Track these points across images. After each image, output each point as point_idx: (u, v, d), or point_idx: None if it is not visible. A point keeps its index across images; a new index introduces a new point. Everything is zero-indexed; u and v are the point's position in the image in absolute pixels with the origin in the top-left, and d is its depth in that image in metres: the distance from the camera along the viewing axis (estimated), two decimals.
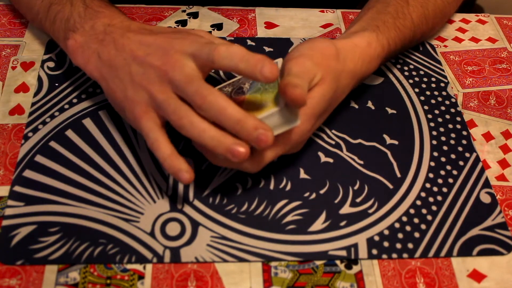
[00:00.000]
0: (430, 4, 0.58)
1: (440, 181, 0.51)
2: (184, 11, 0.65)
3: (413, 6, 0.56)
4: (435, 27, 0.63)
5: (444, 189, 0.50)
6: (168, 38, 0.44)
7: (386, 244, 0.46)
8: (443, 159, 0.53)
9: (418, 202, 0.49)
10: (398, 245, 0.46)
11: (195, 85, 0.41)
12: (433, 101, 0.58)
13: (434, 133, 0.55)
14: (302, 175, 0.50)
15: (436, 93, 0.59)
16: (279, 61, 0.47)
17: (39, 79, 0.55)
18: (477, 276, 0.45)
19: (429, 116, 0.56)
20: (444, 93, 0.59)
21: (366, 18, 0.54)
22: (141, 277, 0.43)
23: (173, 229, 0.45)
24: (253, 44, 0.61)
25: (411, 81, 0.60)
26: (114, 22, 0.48)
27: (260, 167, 0.44)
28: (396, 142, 0.54)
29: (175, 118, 0.41)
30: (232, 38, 0.61)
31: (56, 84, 0.55)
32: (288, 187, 0.49)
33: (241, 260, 0.44)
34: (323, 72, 0.45)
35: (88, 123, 0.52)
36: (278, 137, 0.43)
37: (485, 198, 0.50)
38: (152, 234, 0.45)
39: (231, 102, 0.40)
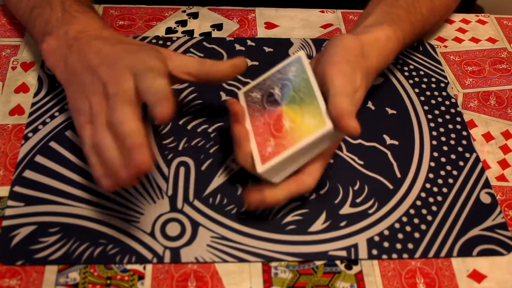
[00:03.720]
0: None
1: (440, 181, 0.51)
2: (184, 11, 0.65)
3: (423, 0, 0.56)
4: (439, 22, 0.63)
5: (444, 190, 0.50)
6: (125, 50, 0.43)
7: (386, 244, 0.46)
8: (443, 160, 0.53)
9: (418, 203, 0.49)
10: (398, 245, 0.46)
11: (116, 103, 0.40)
12: (433, 102, 0.58)
13: (434, 133, 0.55)
14: None
15: (436, 93, 0.59)
16: (302, 54, 0.46)
17: (39, 80, 0.55)
18: (477, 276, 0.45)
19: (429, 116, 0.56)
20: (444, 93, 0.59)
21: (379, 11, 0.53)
22: (141, 277, 0.43)
23: (173, 229, 0.45)
24: (253, 44, 0.61)
25: (411, 81, 0.60)
26: (87, 29, 0.47)
27: (311, 187, 0.44)
28: (396, 143, 0.54)
29: (95, 137, 0.41)
30: (232, 39, 0.61)
31: (56, 85, 0.55)
32: None
33: (241, 260, 0.44)
34: (360, 73, 0.45)
35: None
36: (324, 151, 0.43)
37: (485, 199, 0.50)
38: (152, 234, 0.45)
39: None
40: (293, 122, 0.42)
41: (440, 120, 0.56)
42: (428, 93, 0.59)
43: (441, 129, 0.55)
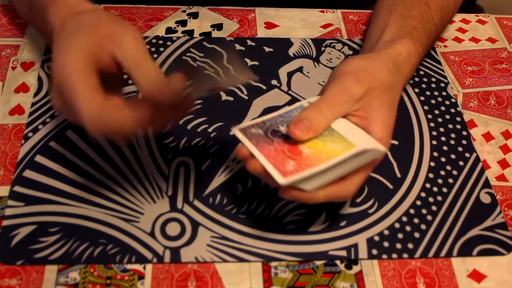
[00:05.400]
0: (445, 7, 0.57)
1: (440, 181, 0.51)
2: (184, 11, 0.65)
3: (434, 10, 0.55)
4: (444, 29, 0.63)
5: (444, 189, 0.50)
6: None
7: (386, 244, 0.46)
8: (443, 159, 0.53)
9: (418, 202, 0.49)
10: (398, 245, 0.46)
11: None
12: (433, 101, 0.58)
13: (434, 133, 0.55)
14: None
15: (436, 93, 0.59)
16: (304, 102, 0.44)
17: (39, 79, 0.55)
18: (477, 276, 0.45)
19: (429, 116, 0.56)
20: (444, 93, 0.59)
21: (395, 23, 0.52)
22: (141, 277, 0.43)
23: (173, 229, 0.45)
24: (253, 44, 0.61)
25: (411, 81, 0.60)
26: (53, 22, 0.43)
27: (350, 196, 0.42)
28: (396, 142, 0.54)
29: None
30: (232, 38, 0.62)
31: None
32: None
33: (241, 260, 0.44)
34: (370, 85, 0.43)
35: None
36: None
37: (485, 198, 0.50)
38: (152, 234, 0.45)
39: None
40: (313, 148, 0.39)
41: (440, 120, 0.56)
42: (428, 93, 0.59)
43: (441, 129, 0.55)
